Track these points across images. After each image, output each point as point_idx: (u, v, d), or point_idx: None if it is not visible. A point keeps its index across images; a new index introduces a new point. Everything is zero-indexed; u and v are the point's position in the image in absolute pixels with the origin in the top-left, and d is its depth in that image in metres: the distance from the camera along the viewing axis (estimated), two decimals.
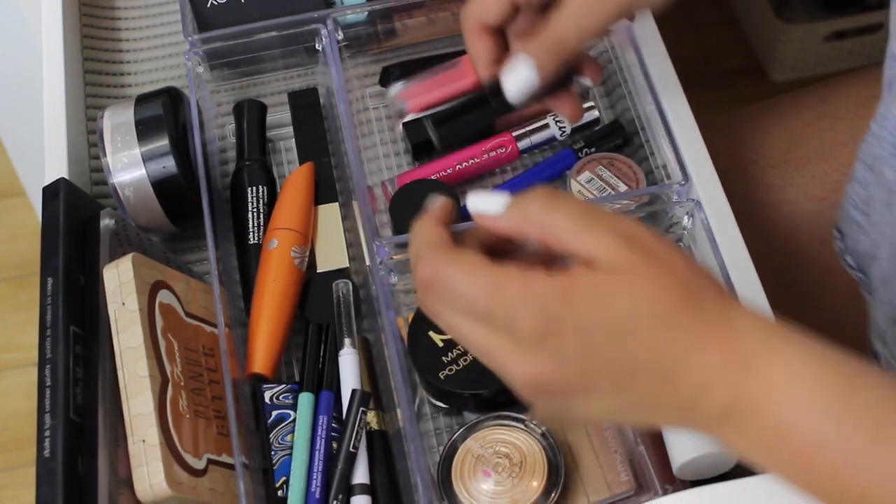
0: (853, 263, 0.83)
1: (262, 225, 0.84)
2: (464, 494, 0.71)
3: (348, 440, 0.73)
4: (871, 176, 0.76)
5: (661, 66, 0.87)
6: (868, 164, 0.75)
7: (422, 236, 0.59)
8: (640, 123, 0.87)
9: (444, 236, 0.58)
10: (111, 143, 0.83)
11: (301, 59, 0.92)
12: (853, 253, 0.83)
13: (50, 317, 0.72)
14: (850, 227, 0.81)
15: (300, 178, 0.86)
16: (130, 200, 0.82)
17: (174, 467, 0.68)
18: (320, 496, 0.72)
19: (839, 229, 0.83)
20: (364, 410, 0.74)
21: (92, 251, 0.76)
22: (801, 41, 1.82)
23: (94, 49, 0.97)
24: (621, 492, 0.71)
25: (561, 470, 0.71)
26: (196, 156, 0.81)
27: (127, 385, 0.70)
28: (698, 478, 0.72)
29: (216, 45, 0.88)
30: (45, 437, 0.67)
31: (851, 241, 0.82)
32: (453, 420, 0.78)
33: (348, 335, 0.78)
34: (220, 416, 0.75)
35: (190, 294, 0.78)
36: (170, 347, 0.73)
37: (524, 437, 0.72)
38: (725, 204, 0.81)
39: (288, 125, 0.92)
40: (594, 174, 0.85)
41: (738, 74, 1.90)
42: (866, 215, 0.78)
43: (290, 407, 0.76)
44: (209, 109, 0.89)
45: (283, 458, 0.74)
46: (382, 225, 0.86)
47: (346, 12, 0.89)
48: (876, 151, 0.74)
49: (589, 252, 0.54)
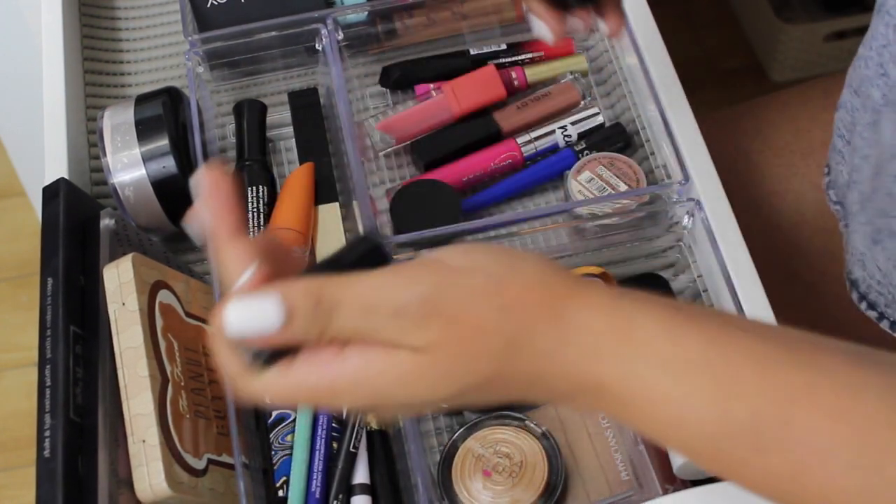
0: (833, 197, 0.85)
1: (262, 225, 0.84)
2: (464, 494, 0.71)
3: (348, 440, 0.73)
4: (857, 100, 0.77)
5: (661, 66, 0.87)
6: (854, 88, 0.77)
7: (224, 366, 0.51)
8: (641, 123, 0.87)
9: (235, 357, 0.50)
10: (111, 143, 0.83)
11: (301, 59, 0.92)
12: (834, 185, 0.85)
13: (50, 317, 0.72)
14: (833, 157, 0.83)
15: (300, 178, 0.86)
16: (130, 200, 0.82)
17: (174, 467, 0.68)
18: (320, 496, 0.72)
19: (828, 165, 0.85)
20: None
21: (92, 251, 0.76)
22: (801, 41, 1.82)
23: (94, 49, 0.97)
24: (621, 492, 0.71)
25: (561, 470, 0.71)
26: (196, 156, 0.81)
27: (127, 385, 0.70)
28: (698, 478, 0.72)
29: (216, 45, 0.88)
30: (45, 437, 0.67)
31: (835, 173, 0.84)
32: (453, 420, 0.78)
33: None
34: (220, 416, 0.75)
35: (190, 294, 0.78)
36: (170, 347, 0.73)
37: (524, 437, 0.72)
38: (726, 203, 0.81)
39: (288, 125, 0.92)
40: (594, 174, 0.85)
41: (738, 74, 1.90)
42: (848, 143, 0.80)
43: (290, 407, 0.76)
44: (209, 109, 0.89)
45: (284, 457, 0.74)
46: (382, 225, 0.86)
47: (346, 12, 0.89)
48: (863, 73, 0.75)
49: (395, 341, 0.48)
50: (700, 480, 0.71)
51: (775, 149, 0.97)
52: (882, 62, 0.72)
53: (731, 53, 1.93)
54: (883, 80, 0.73)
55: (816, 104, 0.97)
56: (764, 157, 0.96)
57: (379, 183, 0.89)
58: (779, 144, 0.97)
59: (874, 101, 0.74)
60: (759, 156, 0.97)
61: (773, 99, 1.02)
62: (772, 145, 0.97)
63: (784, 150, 0.96)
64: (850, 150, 0.79)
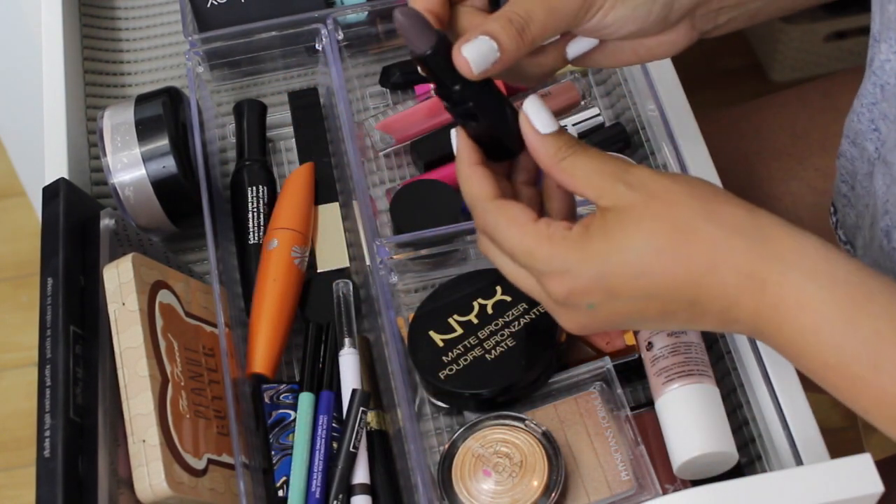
0: (843, 237, 0.86)
1: (262, 225, 0.84)
2: (464, 494, 0.71)
3: (348, 440, 0.73)
4: (855, 150, 0.78)
5: (661, 65, 0.87)
6: (851, 139, 0.78)
7: (469, 188, 0.63)
8: (641, 123, 0.87)
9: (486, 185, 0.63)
10: (111, 143, 0.83)
11: (301, 59, 0.92)
12: (843, 226, 0.85)
13: (50, 317, 0.72)
14: (839, 200, 0.83)
15: (300, 178, 0.86)
16: (130, 200, 0.82)
17: (174, 467, 0.68)
18: (320, 496, 0.72)
19: (833, 204, 0.86)
20: (364, 410, 0.74)
21: (92, 251, 0.76)
22: (801, 41, 1.82)
23: (94, 49, 0.97)
24: (621, 492, 0.71)
25: (561, 470, 0.71)
26: (196, 156, 0.81)
27: (127, 385, 0.70)
28: (698, 477, 0.72)
29: (216, 45, 0.88)
30: (45, 437, 0.67)
31: (842, 214, 0.84)
32: (453, 420, 0.78)
33: (348, 335, 0.78)
34: (220, 416, 0.75)
35: (190, 294, 0.78)
36: (170, 347, 0.73)
37: (524, 437, 0.72)
38: None
39: (288, 125, 0.92)
40: None
41: (738, 74, 1.90)
42: (852, 188, 0.80)
43: (290, 407, 0.76)
44: (209, 109, 0.89)
45: (284, 458, 0.74)
46: (382, 225, 0.86)
47: (346, 12, 0.89)
48: (857, 127, 0.76)
49: (598, 198, 0.60)
50: (700, 480, 0.71)
51: (773, 151, 0.96)
52: (873, 118, 0.74)
53: (730, 53, 1.93)
54: (875, 135, 0.74)
55: (815, 106, 0.97)
56: (761, 159, 0.96)
57: (379, 183, 0.89)
58: (776, 147, 0.96)
59: (869, 153, 0.75)
60: (757, 158, 0.96)
61: (770, 101, 1.01)
62: (769, 148, 0.97)
63: (782, 152, 0.96)
64: (855, 195, 0.80)
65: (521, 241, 0.61)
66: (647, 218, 0.58)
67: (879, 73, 0.71)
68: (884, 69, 0.70)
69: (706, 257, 0.58)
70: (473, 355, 0.75)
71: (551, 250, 0.60)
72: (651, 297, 0.59)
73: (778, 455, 0.70)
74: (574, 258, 0.59)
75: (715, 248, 0.57)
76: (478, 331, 0.76)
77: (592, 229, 0.59)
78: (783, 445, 0.69)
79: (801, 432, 0.69)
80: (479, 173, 0.63)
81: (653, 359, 0.74)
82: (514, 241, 0.61)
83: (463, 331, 0.76)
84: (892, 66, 0.69)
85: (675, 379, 0.72)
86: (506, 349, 0.75)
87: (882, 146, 0.72)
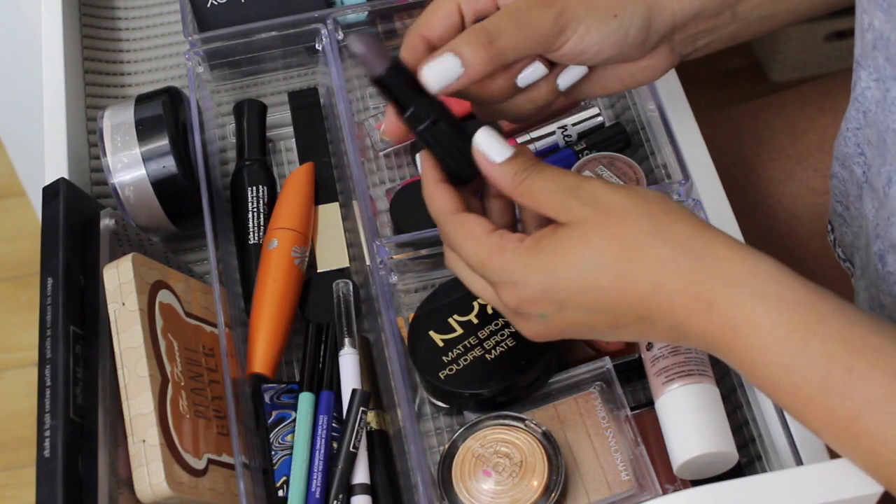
0: (842, 254, 0.86)
1: (262, 225, 0.84)
2: (464, 494, 0.71)
3: (348, 440, 0.73)
4: (845, 172, 0.78)
5: None
6: (840, 161, 0.78)
7: (432, 203, 0.65)
8: (641, 123, 0.87)
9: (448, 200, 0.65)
10: (111, 143, 0.83)
11: (301, 59, 0.92)
12: (841, 244, 0.85)
13: (50, 317, 0.72)
14: (835, 219, 0.84)
15: (300, 178, 0.86)
16: (130, 200, 0.83)
17: (174, 467, 0.68)
18: (320, 496, 0.72)
19: (830, 222, 0.86)
20: (364, 410, 0.74)
21: (92, 251, 0.76)
22: (801, 41, 1.82)
23: (94, 49, 0.97)
24: (621, 492, 0.71)
25: (561, 470, 0.71)
26: (196, 156, 0.81)
27: (127, 385, 0.70)
28: (698, 477, 0.72)
29: (216, 45, 0.88)
30: (45, 437, 0.67)
31: (839, 232, 0.84)
32: (453, 420, 0.78)
33: (348, 335, 0.78)
34: (220, 416, 0.75)
35: (190, 294, 0.78)
36: (170, 347, 0.73)
37: (524, 437, 0.72)
38: (726, 203, 0.81)
39: (288, 125, 0.92)
40: (594, 174, 0.85)
41: (738, 74, 1.90)
42: (846, 208, 0.81)
43: (290, 407, 0.76)
44: (209, 109, 0.89)
45: (284, 458, 0.74)
46: (382, 225, 0.86)
47: (346, 12, 0.89)
48: (844, 150, 0.76)
49: (556, 216, 0.61)
50: (700, 480, 0.71)
51: (771, 152, 0.96)
52: (858, 142, 0.74)
53: (730, 53, 1.93)
54: (861, 159, 0.74)
55: (813, 107, 0.97)
56: (760, 160, 0.96)
57: (379, 183, 0.89)
58: (775, 148, 0.96)
59: (857, 176, 0.75)
60: (756, 159, 0.96)
61: (769, 102, 1.01)
62: (768, 149, 0.97)
63: (780, 153, 0.96)
64: (850, 216, 0.80)
65: (475, 252, 0.62)
66: (596, 234, 0.59)
67: (861, 99, 0.71)
68: (865, 96, 0.70)
69: (652, 276, 0.58)
70: (473, 355, 0.75)
71: (501, 262, 0.61)
72: (599, 311, 0.60)
73: (778, 455, 0.70)
74: (522, 271, 0.61)
75: (662, 267, 0.58)
76: (478, 331, 0.76)
77: (543, 242, 0.60)
78: (783, 445, 0.69)
79: (801, 432, 0.69)
80: (440, 190, 0.65)
81: (653, 359, 0.74)
82: (470, 251, 0.63)
83: (463, 331, 0.76)
84: (872, 94, 0.69)
85: (675, 379, 0.72)
86: (506, 349, 0.75)
87: (868, 170, 0.72)
